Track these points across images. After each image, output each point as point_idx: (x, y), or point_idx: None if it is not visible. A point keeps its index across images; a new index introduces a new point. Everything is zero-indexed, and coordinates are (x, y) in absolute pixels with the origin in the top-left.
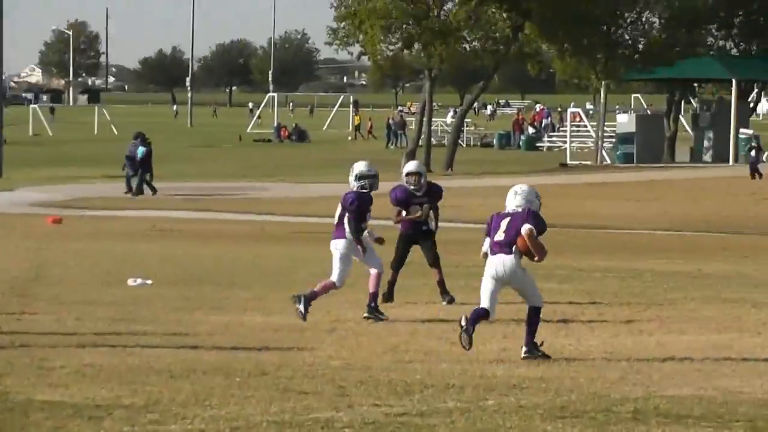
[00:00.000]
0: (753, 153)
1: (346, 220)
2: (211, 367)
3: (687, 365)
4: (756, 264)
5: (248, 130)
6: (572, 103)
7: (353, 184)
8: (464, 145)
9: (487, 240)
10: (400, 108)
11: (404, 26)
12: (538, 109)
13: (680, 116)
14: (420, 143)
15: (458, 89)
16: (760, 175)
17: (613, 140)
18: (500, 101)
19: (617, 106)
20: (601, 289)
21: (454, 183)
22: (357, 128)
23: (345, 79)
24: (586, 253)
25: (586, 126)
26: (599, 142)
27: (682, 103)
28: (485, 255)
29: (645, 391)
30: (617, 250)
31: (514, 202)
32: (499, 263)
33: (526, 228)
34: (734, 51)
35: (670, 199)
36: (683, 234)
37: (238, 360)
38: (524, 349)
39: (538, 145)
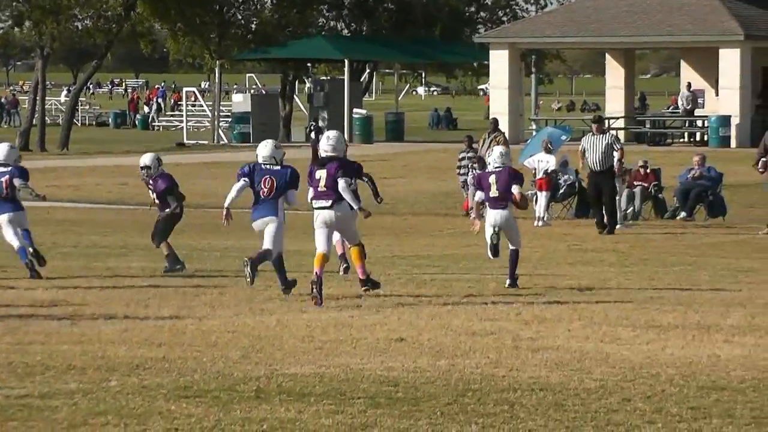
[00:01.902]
0: (313, 135)
1: None
2: None
3: (308, 343)
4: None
5: None
6: (202, 85)
7: None
8: (79, 124)
9: (479, 193)
10: (12, 87)
11: (14, 3)
12: (157, 88)
13: (295, 96)
14: (34, 122)
15: (72, 68)
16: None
17: (230, 120)
18: (114, 80)
19: (234, 86)
20: (225, 268)
21: (69, 163)
22: None
23: None
24: (205, 233)
25: (202, 105)
26: (215, 122)
27: (296, 82)
28: (481, 204)
29: (267, 369)
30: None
31: (498, 161)
32: (497, 215)
33: (516, 190)
34: (345, 32)
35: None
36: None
37: None
38: (508, 281)
39: (154, 124)
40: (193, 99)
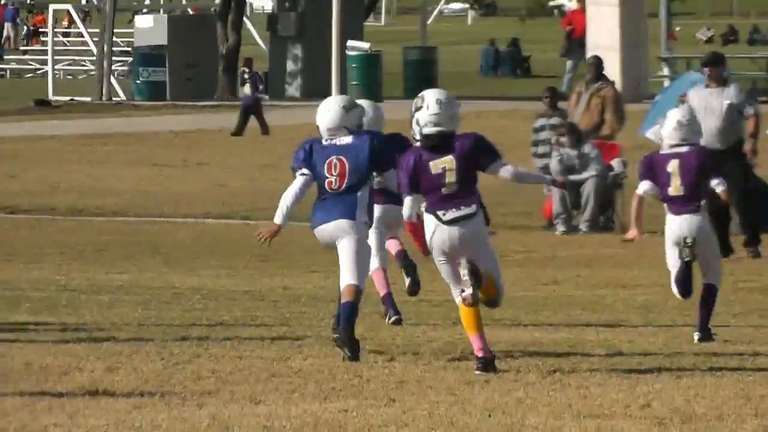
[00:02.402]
0: (247, 89)
1: None
2: None
3: None
4: None
5: None
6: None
7: None
8: None
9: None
10: None
11: None
12: None
13: (245, 19)
14: None
15: None
16: None
17: (129, 60)
18: None
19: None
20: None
21: None
22: None
23: None
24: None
25: (81, 35)
26: (105, 64)
27: None
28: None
29: None
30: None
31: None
32: (685, 222)
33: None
34: None
35: (239, 162)
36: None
37: None
38: (697, 334)
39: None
40: (66, 24)
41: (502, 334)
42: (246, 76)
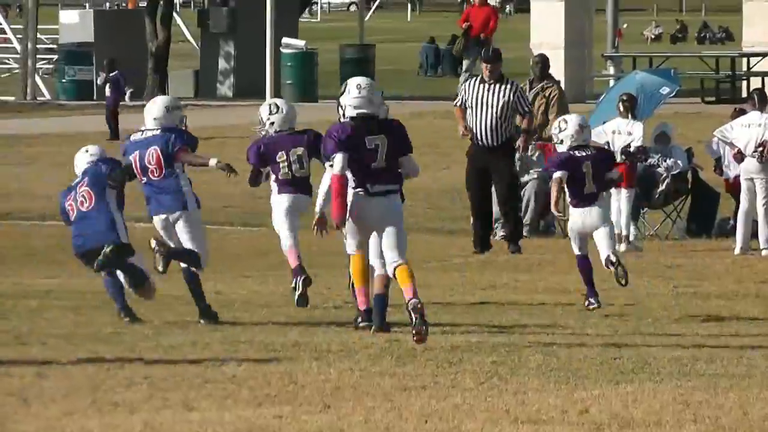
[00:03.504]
0: (101, 79)
1: None
2: None
3: None
4: None
5: None
6: None
7: None
8: None
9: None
10: None
11: None
12: None
13: (175, 14)
14: None
15: None
16: None
17: (55, 57)
18: None
19: None
20: None
21: None
22: None
23: None
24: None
25: (3, 30)
26: (28, 62)
27: None
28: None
29: None
30: None
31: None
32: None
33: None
34: None
35: None
36: None
37: None
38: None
39: None
40: None
41: (439, 339)
42: (106, 76)
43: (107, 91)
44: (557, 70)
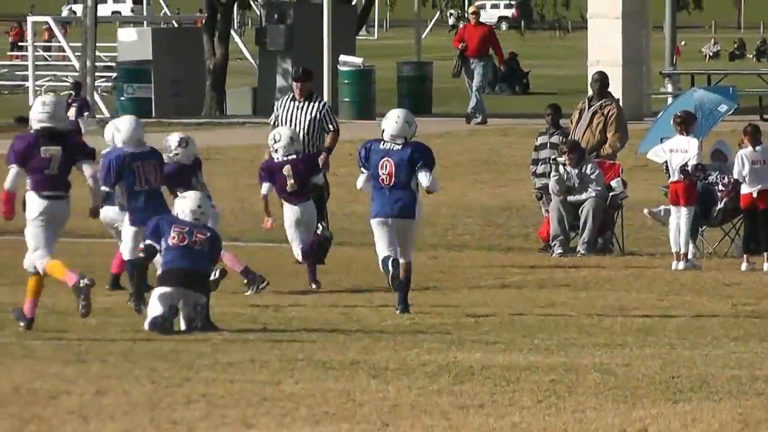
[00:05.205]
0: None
1: None
2: None
3: None
4: None
5: None
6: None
7: None
8: None
9: None
10: None
11: None
12: None
13: (233, 31)
14: None
15: None
16: None
17: (113, 75)
18: None
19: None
20: None
21: None
22: None
23: None
24: None
25: (62, 48)
26: (87, 79)
27: (236, 6)
28: None
29: None
30: None
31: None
32: None
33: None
34: None
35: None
36: None
37: None
38: None
39: None
40: (46, 37)
41: (497, 357)
42: (72, 100)
43: (71, 113)
44: (615, 87)
